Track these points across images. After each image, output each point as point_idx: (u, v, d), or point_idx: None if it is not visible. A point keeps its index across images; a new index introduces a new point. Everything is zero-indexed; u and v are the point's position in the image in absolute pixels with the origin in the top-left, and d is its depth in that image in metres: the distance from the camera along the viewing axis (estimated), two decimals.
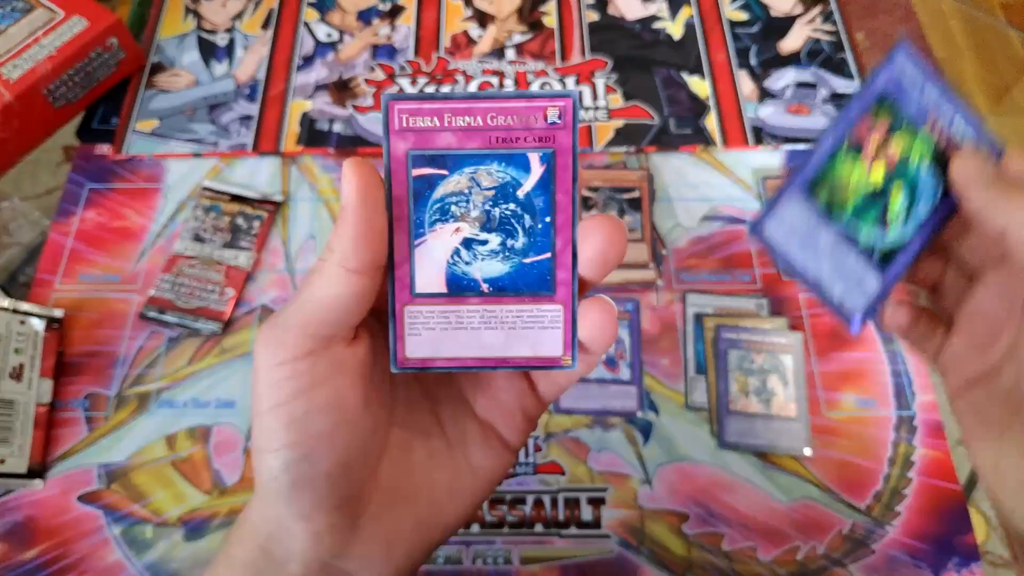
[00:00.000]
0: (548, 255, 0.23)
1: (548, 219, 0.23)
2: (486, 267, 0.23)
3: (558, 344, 0.24)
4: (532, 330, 0.24)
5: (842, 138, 0.27)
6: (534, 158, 0.23)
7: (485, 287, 0.23)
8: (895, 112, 0.27)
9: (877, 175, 0.27)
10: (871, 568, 0.41)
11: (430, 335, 0.24)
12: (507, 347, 0.24)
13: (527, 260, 0.23)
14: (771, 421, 0.45)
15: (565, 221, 0.23)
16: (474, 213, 0.23)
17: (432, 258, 0.23)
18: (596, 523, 0.43)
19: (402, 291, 0.23)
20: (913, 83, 0.26)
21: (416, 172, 0.22)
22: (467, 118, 0.22)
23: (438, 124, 0.22)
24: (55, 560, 0.42)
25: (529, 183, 0.23)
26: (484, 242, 0.23)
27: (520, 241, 0.23)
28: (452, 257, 0.23)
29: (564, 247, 0.23)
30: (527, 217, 0.23)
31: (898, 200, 0.27)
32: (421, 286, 0.23)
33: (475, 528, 0.43)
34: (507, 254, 0.23)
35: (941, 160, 0.27)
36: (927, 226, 0.27)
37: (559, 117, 0.22)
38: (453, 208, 0.23)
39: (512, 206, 0.23)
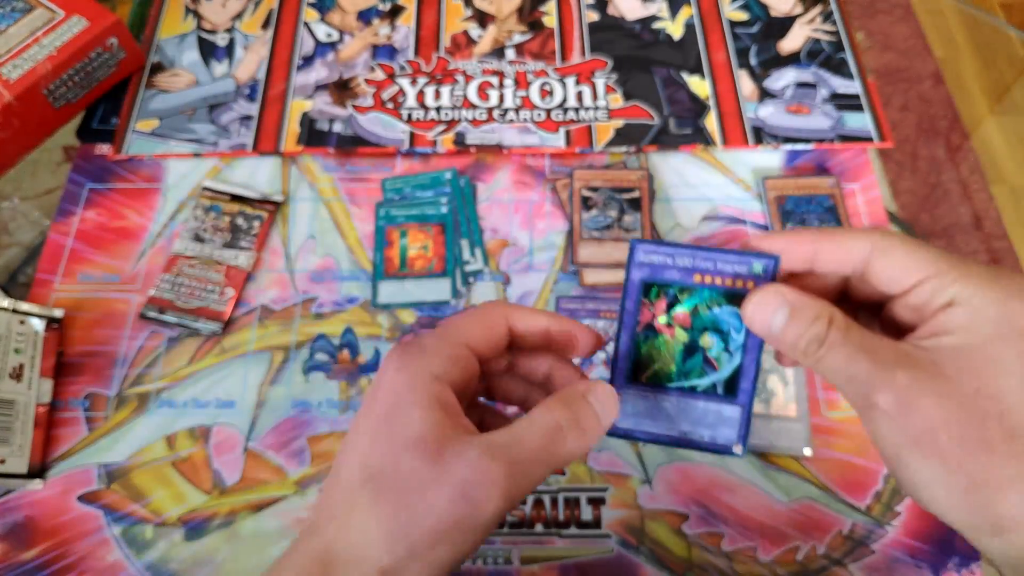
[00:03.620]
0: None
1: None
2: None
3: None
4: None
5: (632, 330, 0.30)
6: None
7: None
8: (663, 288, 0.30)
9: (681, 337, 0.30)
10: (871, 568, 0.41)
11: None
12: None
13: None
14: (771, 421, 0.45)
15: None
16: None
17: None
18: (596, 523, 0.43)
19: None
20: (663, 261, 0.30)
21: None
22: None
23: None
24: (55, 560, 0.42)
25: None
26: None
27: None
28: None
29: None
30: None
31: (711, 343, 0.30)
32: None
33: None
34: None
35: (728, 294, 0.29)
36: (751, 345, 0.29)
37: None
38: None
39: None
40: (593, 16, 0.63)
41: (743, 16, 0.63)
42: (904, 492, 0.26)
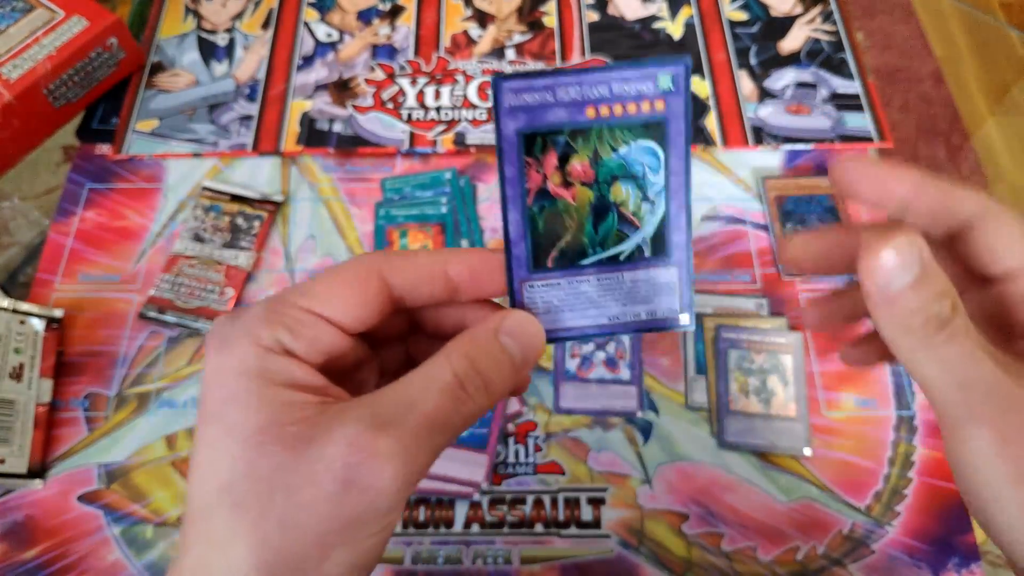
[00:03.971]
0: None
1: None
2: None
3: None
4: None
5: (521, 203, 0.23)
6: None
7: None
8: (548, 136, 0.23)
9: (584, 196, 0.24)
10: (871, 568, 0.41)
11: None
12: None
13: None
14: (771, 421, 0.45)
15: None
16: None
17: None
18: (596, 523, 0.43)
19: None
20: (541, 99, 0.23)
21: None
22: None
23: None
24: (55, 560, 0.42)
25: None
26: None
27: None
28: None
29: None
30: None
31: (624, 195, 0.24)
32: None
33: (475, 528, 0.43)
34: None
35: (634, 124, 0.23)
36: (675, 184, 0.24)
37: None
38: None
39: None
40: (593, 16, 0.63)
41: (743, 16, 0.63)
42: (989, 533, 0.22)
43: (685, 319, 0.25)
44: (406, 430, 0.20)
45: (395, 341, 0.27)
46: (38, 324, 0.46)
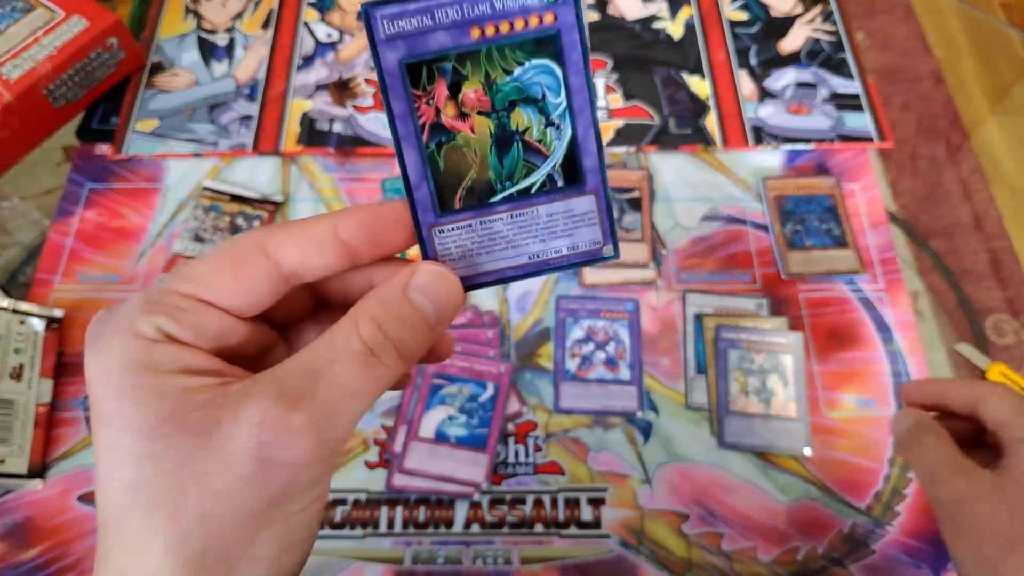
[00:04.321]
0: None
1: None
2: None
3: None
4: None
5: (417, 141, 0.21)
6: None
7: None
8: (434, 64, 0.21)
9: (482, 128, 0.21)
10: (871, 568, 0.41)
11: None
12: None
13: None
14: (771, 421, 0.45)
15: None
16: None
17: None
18: (596, 523, 0.43)
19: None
20: (420, 24, 0.20)
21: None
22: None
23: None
24: (55, 560, 0.42)
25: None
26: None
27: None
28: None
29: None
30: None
31: (526, 120, 0.22)
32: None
33: (475, 528, 0.43)
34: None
35: (525, 41, 0.21)
36: (580, 104, 0.22)
37: None
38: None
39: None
40: (593, 16, 0.63)
41: (743, 16, 0.63)
42: None
43: (609, 250, 0.23)
44: (317, 402, 0.19)
45: (304, 320, 0.25)
46: (38, 324, 0.46)
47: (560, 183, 0.22)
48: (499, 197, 0.22)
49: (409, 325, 0.21)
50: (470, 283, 0.23)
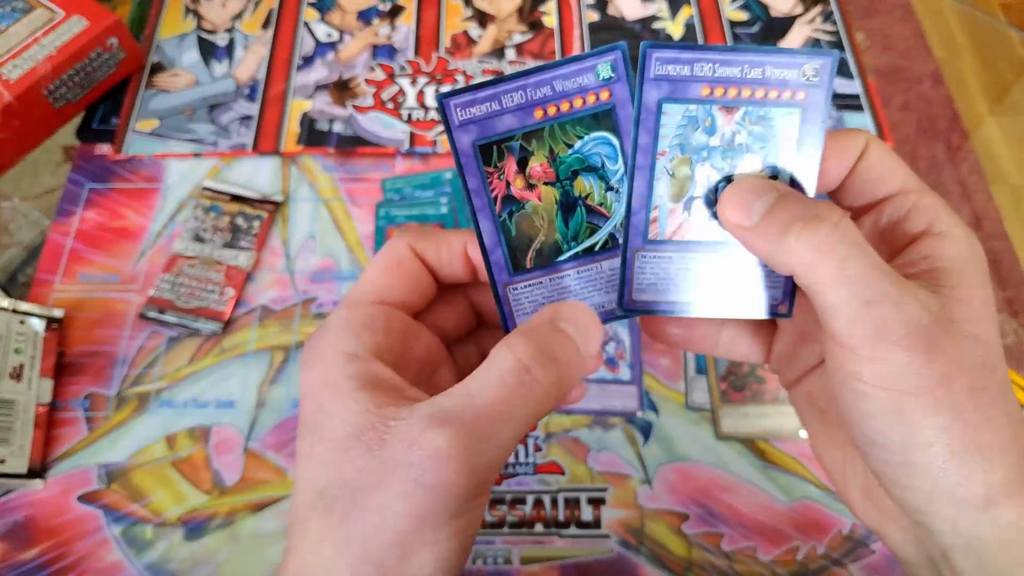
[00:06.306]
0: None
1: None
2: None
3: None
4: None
5: (491, 212, 0.24)
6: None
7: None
8: (503, 143, 0.23)
9: (550, 196, 0.24)
10: (871, 568, 0.41)
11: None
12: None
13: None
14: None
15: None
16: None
17: None
18: (596, 523, 0.43)
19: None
20: (487, 109, 0.23)
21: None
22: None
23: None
24: (55, 560, 0.42)
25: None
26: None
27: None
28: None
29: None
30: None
31: (588, 187, 0.24)
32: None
33: None
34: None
35: (583, 117, 0.23)
36: (639, 164, 0.23)
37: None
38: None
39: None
40: (593, 16, 0.63)
41: (743, 16, 0.63)
42: (874, 453, 0.21)
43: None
44: (464, 424, 0.20)
45: (468, 339, 0.28)
46: (38, 324, 0.46)
47: (620, 240, 0.24)
48: (565, 256, 0.25)
49: (561, 345, 0.22)
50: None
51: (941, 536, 0.21)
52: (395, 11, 0.63)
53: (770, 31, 0.62)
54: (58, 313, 0.47)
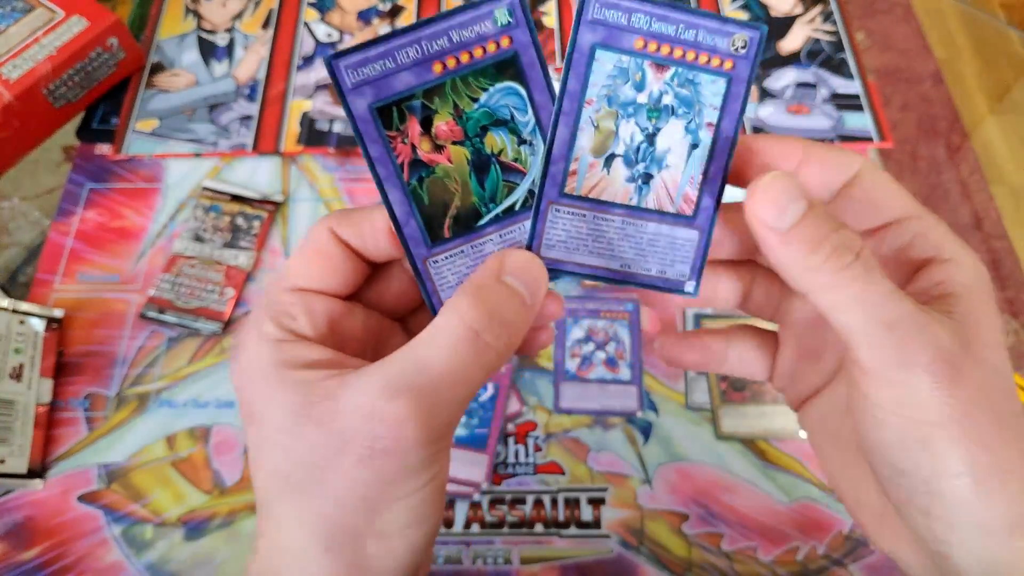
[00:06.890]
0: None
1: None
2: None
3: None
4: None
5: (398, 180, 0.22)
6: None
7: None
8: (401, 103, 0.22)
9: (458, 156, 0.22)
10: (871, 568, 0.41)
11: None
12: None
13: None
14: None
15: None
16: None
17: None
18: (596, 523, 0.43)
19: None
20: (383, 68, 0.21)
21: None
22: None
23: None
24: (55, 560, 0.42)
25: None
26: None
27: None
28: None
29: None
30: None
31: (500, 143, 0.22)
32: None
33: (475, 528, 0.43)
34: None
35: (485, 68, 0.22)
36: (545, 117, 0.22)
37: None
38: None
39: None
40: None
41: (743, 16, 0.63)
42: (896, 480, 0.21)
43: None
44: (421, 392, 0.20)
45: (421, 308, 0.27)
46: (38, 324, 0.46)
47: None
48: (485, 220, 0.23)
49: (509, 305, 0.22)
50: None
51: (959, 561, 0.21)
52: (395, 11, 0.63)
53: (770, 31, 0.62)
54: (58, 313, 0.47)
